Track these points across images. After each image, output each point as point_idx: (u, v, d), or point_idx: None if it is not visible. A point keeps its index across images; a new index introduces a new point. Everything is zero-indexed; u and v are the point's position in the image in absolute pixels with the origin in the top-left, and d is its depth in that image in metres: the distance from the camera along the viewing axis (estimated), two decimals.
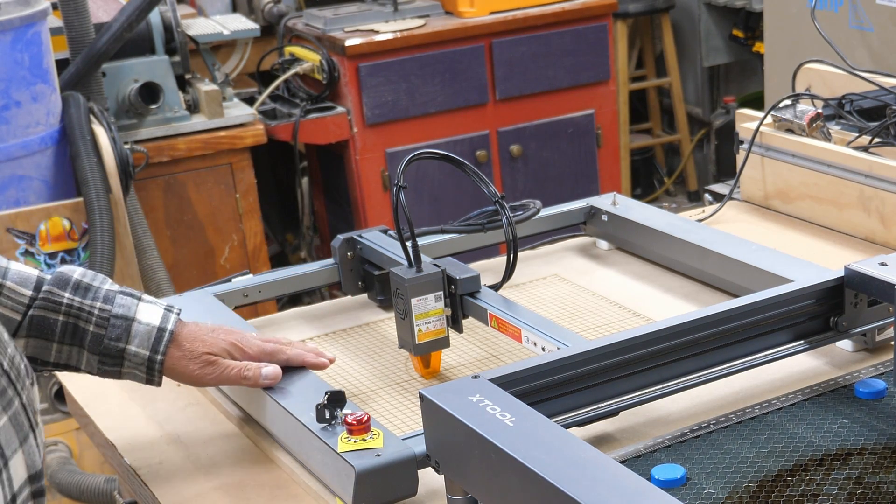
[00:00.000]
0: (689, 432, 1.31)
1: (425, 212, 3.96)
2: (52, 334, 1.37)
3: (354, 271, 1.83)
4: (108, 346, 1.38)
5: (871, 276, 1.36)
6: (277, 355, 1.44)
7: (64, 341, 1.38)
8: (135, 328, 1.38)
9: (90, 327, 1.37)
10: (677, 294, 1.79)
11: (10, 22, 2.87)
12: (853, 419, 1.30)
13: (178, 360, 1.39)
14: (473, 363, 1.63)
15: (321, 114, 3.96)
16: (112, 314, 1.38)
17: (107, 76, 3.41)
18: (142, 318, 1.39)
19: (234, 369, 1.41)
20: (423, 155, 1.57)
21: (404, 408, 1.52)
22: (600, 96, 4.31)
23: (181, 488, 1.40)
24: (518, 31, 4.09)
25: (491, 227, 1.74)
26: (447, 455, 1.18)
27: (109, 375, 1.40)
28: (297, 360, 1.45)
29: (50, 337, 1.37)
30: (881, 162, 1.86)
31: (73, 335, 1.38)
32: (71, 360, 1.39)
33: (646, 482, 1.00)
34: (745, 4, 5.09)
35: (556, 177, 4.31)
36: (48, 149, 3.05)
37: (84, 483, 2.98)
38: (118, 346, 1.38)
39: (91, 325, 1.38)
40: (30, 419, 1.22)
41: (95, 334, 1.37)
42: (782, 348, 1.41)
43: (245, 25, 4.06)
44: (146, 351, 1.38)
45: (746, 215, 2.08)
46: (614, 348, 1.30)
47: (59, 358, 1.39)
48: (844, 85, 2.14)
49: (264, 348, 1.44)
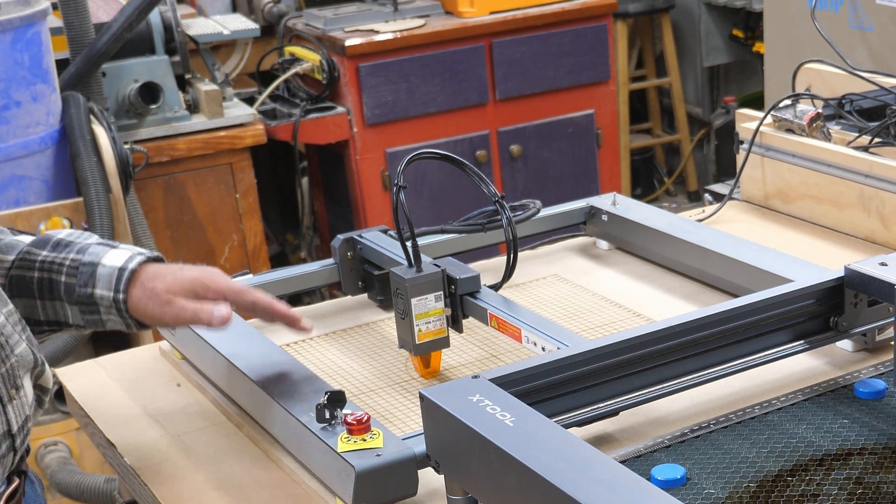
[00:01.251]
0: (689, 432, 1.31)
1: (425, 212, 3.96)
2: (32, 291, 1.40)
3: (354, 271, 1.83)
4: (80, 293, 1.39)
5: (871, 276, 1.36)
6: (243, 296, 1.41)
7: (44, 297, 1.40)
8: (99, 271, 1.39)
9: (62, 278, 1.40)
10: (677, 294, 1.79)
11: (10, 22, 2.87)
12: (853, 419, 1.30)
13: (139, 301, 1.39)
14: (473, 363, 1.63)
15: (321, 114, 3.96)
16: (81, 262, 1.40)
17: (107, 76, 3.41)
18: (106, 262, 1.40)
19: (189, 309, 1.38)
20: (423, 155, 1.57)
21: (404, 408, 1.52)
22: (600, 96, 4.31)
23: (181, 488, 1.40)
24: (518, 31, 4.09)
25: (491, 227, 1.74)
26: (447, 455, 1.18)
27: (95, 325, 1.41)
28: (264, 304, 1.42)
29: (30, 294, 1.40)
30: (881, 162, 1.86)
31: (49, 289, 1.40)
32: (59, 316, 1.41)
33: (646, 482, 1.00)
34: (745, 4, 5.09)
35: (556, 177, 4.31)
36: (48, 149, 3.05)
37: (84, 483, 2.98)
38: (86, 291, 1.39)
39: (63, 275, 1.40)
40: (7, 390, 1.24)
41: (67, 284, 1.40)
42: (782, 348, 1.41)
43: (245, 25, 4.06)
44: (109, 292, 1.39)
45: (746, 215, 2.08)
46: (614, 348, 1.30)
47: (47, 315, 1.41)
48: (844, 85, 2.14)
49: (231, 286, 1.41)
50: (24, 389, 1.31)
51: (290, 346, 1.72)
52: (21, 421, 1.31)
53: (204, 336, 1.60)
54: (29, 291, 1.40)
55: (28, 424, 1.33)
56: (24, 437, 1.32)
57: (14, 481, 1.34)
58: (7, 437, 1.29)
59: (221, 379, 1.57)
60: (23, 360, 1.32)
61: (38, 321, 1.42)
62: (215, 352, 1.56)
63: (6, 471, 1.31)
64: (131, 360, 1.76)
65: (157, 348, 1.78)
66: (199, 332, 1.61)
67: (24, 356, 1.32)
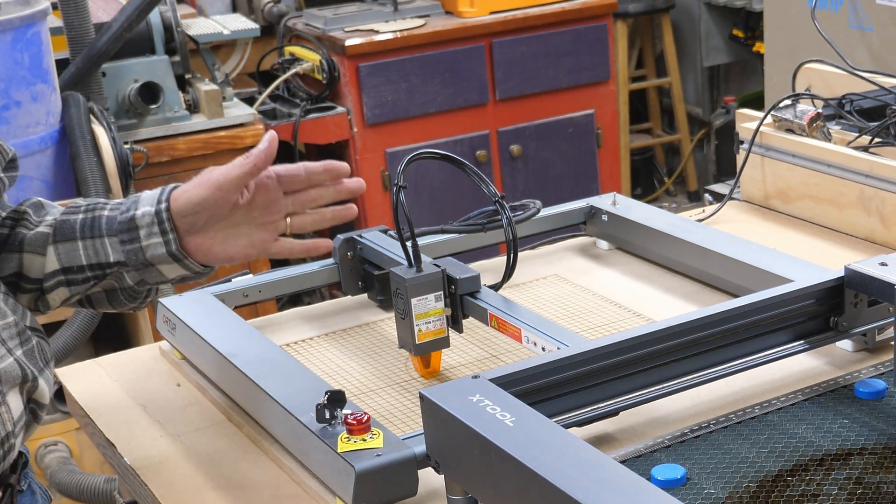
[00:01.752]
0: (689, 432, 1.31)
1: (425, 212, 3.96)
2: (73, 232, 1.39)
3: (354, 271, 1.83)
4: (122, 219, 1.38)
5: (871, 276, 1.36)
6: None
7: (85, 236, 1.39)
8: (142, 197, 1.40)
9: (105, 212, 1.40)
10: (677, 294, 1.79)
11: (10, 22, 2.87)
12: (853, 419, 1.30)
13: (181, 195, 1.38)
14: (473, 363, 1.63)
15: (321, 114, 3.96)
16: (125, 200, 1.42)
17: (107, 76, 3.41)
18: (147, 192, 1.41)
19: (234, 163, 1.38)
20: (423, 155, 1.57)
21: (404, 408, 1.52)
22: (600, 96, 4.31)
23: (181, 488, 1.40)
24: (518, 31, 4.09)
25: (491, 227, 1.74)
26: (447, 455, 1.18)
27: (136, 262, 1.38)
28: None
29: (72, 236, 1.39)
30: (881, 162, 1.86)
31: (91, 227, 1.39)
32: (100, 256, 1.39)
33: (646, 482, 1.00)
34: (745, 4, 5.09)
35: (556, 177, 4.31)
36: (48, 149, 3.05)
37: (84, 483, 2.98)
38: (128, 215, 1.38)
39: (106, 210, 1.40)
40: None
41: (110, 217, 1.39)
42: (782, 348, 1.41)
43: (245, 25, 4.06)
44: (151, 206, 1.38)
45: (746, 215, 2.08)
46: (614, 348, 1.30)
47: (88, 256, 1.39)
48: (844, 85, 2.14)
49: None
50: (5, 405, 1.29)
51: (290, 346, 1.72)
52: (1, 436, 1.29)
53: (204, 336, 1.60)
54: (71, 233, 1.39)
55: (11, 440, 1.31)
56: (5, 452, 1.30)
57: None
58: None
59: (221, 379, 1.57)
60: (7, 376, 1.30)
61: (81, 266, 1.39)
62: (215, 352, 1.56)
63: None
64: (131, 360, 1.76)
65: (157, 348, 1.78)
66: (199, 332, 1.61)
67: (10, 371, 1.30)
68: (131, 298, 1.45)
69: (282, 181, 1.42)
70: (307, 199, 1.45)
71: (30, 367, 1.33)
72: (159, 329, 1.75)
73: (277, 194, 1.42)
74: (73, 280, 1.40)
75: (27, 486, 1.43)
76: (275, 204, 1.42)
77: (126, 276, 1.41)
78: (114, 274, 1.40)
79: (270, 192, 1.42)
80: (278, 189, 1.42)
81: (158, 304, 1.75)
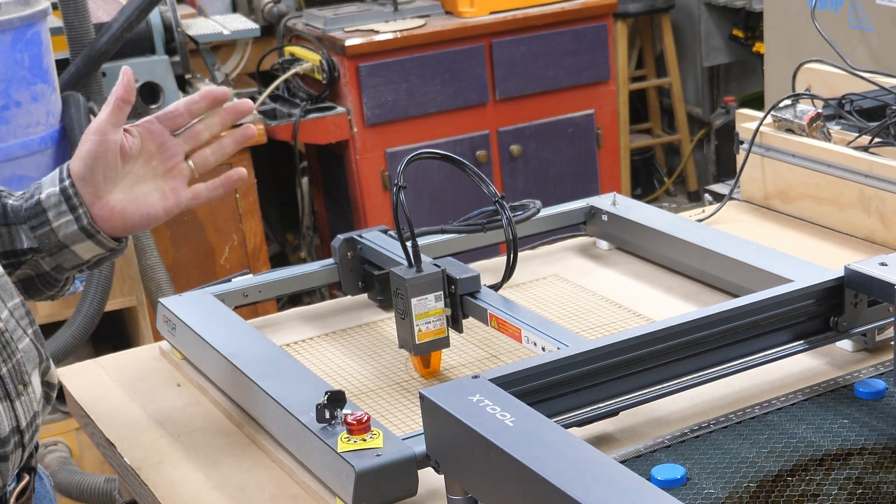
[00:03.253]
0: (689, 432, 1.31)
1: (425, 212, 3.96)
2: None
3: (354, 271, 1.83)
4: (28, 206, 1.39)
5: (871, 276, 1.36)
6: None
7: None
8: (43, 181, 1.41)
9: (10, 201, 1.41)
10: (677, 294, 1.79)
11: (10, 22, 2.87)
12: (853, 419, 1.30)
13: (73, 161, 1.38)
14: (473, 363, 1.63)
15: (321, 114, 3.96)
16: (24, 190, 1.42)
17: (107, 76, 3.41)
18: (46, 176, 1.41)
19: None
20: (423, 155, 1.57)
21: (404, 408, 1.52)
22: (600, 96, 4.31)
23: (181, 488, 1.40)
24: (518, 31, 4.10)
25: (491, 227, 1.74)
26: (447, 455, 1.18)
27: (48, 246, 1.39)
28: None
29: None
30: (881, 162, 1.86)
31: (5, 215, 1.40)
32: (14, 243, 1.39)
33: (646, 482, 1.00)
34: (745, 4, 5.09)
35: (556, 177, 4.31)
36: (48, 149, 3.05)
37: (84, 483, 2.98)
38: (33, 200, 1.39)
39: (11, 199, 1.41)
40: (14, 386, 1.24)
41: (14, 206, 1.40)
42: (782, 348, 1.41)
43: (245, 25, 4.06)
44: (55, 186, 1.39)
45: (746, 215, 2.08)
46: (614, 348, 1.30)
47: (2, 244, 1.40)
48: (844, 85, 2.14)
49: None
50: (31, 385, 1.32)
51: (290, 346, 1.72)
52: (30, 417, 1.31)
53: (204, 336, 1.60)
54: None
55: (37, 421, 1.33)
56: (32, 434, 1.32)
57: (24, 478, 1.34)
58: (16, 433, 1.29)
59: (221, 379, 1.57)
60: (28, 356, 1.32)
61: None
62: (215, 352, 1.56)
63: (16, 467, 1.31)
64: (131, 360, 1.76)
65: (157, 348, 1.78)
66: (199, 332, 1.61)
67: (29, 351, 1.32)
68: (48, 286, 1.46)
69: (163, 121, 1.42)
70: (196, 132, 1.44)
71: (40, 347, 1.36)
72: (159, 329, 1.75)
73: (165, 136, 1.42)
74: None
75: None
76: (167, 147, 1.42)
77: (42, 262, 1.41)
78: (28, 262, 1.41)
79: (157, 136, 1.42)
80: (164, 131, 1.42)
81: (158, 303, 1.75)
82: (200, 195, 1.45)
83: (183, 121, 1.44)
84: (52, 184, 1.39)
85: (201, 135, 1.45)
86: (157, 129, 1.42)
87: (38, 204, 1.39)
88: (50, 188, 1.39)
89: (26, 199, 1.40)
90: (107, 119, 1.37)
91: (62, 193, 1.38)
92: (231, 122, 1.46)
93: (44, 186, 1.40)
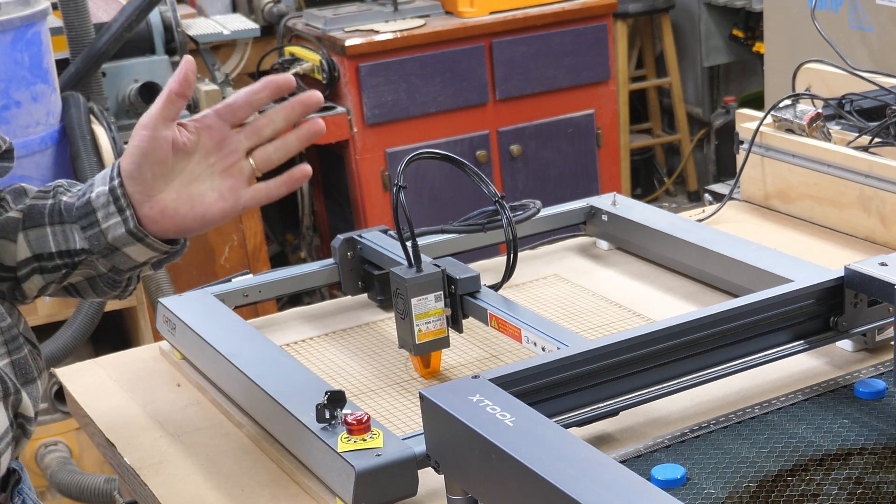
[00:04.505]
0: (689, 432, 1.31)
1: (425, 212, 3.96)
2: (42, 217, 1.33)
3: (354, 271, 1.83)
4: (79, 205, 1.31)
5: (871, 276, 1.36)
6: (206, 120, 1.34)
7: (54, 221, 1.32)
8: (96, 178, 1.33)
9: (64, 197, 1.33)
10: (677, 294, 1.79)
11: (10, 22, 2.87)
12: (853, 419, 1.30)
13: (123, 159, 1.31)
14: (473, 363, 1.63)
15: (321, 114, 3.96)
16: (81, 185, 1.36)
17: (107, 76, 3.41)
18: (100, 173, 1.35)
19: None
20: (423, 155, 1.57)
21: (404, 408, 1.52)
22: (600, 96, 4.31)
23: (181, 488, 1.40)
24: (518, 31, 4.09)
25: (491, 227, 1.74)
26: (447, 455, 1.18)
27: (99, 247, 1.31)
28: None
29: (41, 222, 1.32)
30: (881, 162, 1.86)
31: (59, 212, 1.33)
32: (69, 242, 1.32)
33: (646, 482, 1.00)
34: (745, 4, 5.09)
35: (556, 177, 4.31)
36: (48, 149, 3.05)
37: (84, 483, 2.98)
38: (84, 199, 1.31)
39: (66, 195, 1.34)
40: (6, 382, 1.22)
41: (68, 203, 1.33)
42: (782, 348, 1.41)
43: (245, 25, 4.06)
44: (105, 185, 1.30)
45: (746, 215, 2.08)
46: (614, 348, 1.30)
47: (58, 243, 1.32)
48: (844, 85, 2.14)
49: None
50: None
51: (290, 346, 1.73)
52: None
53: (204, 336, 1.60)
54: (41, 219, 1.32)
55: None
56: None
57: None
58: None
59: (221, 379, 1.57)
60: None
61: (51, 254, 1.33)
62: (215, 352, 1.56)
63: None
64: (131, 360, 1.76)
65: (157, 348, 1.78)
66: (199, 332, 1.61)
67: None
68: (111, 286, 1.39)
69: (222, 115, 1.32)
70: (259, 127, 1.34)
71: (11, 378, 1.29)
72: (159, 329, 1.75)
73: (224, 131, 1.32)
74: (45, 268, 1.33)
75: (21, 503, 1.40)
76: (226, 143, 1.33)
77: (97, 263, 1.34)
78: (84, 262, 1.33)
79: (216, 131, 1.32)
80: (223, 126, 1.33)
81: (158, 303, 1.75)
82: (261, 195, 1.35)
83: (244, 114, 1.34)
84: (103, 182, 1.31)
85: (263, 130, 1.34)
86: (215, 123, 1.32)
87: (88, 203, 1.30)
88: (100, 186, 1.30)
89: (79, 198, 1.32)
90: (158, 113, 1.29)
91: (111, 193, 1.29)
92: (298, 116, 1.36)
93: (96, 184, 1.31)
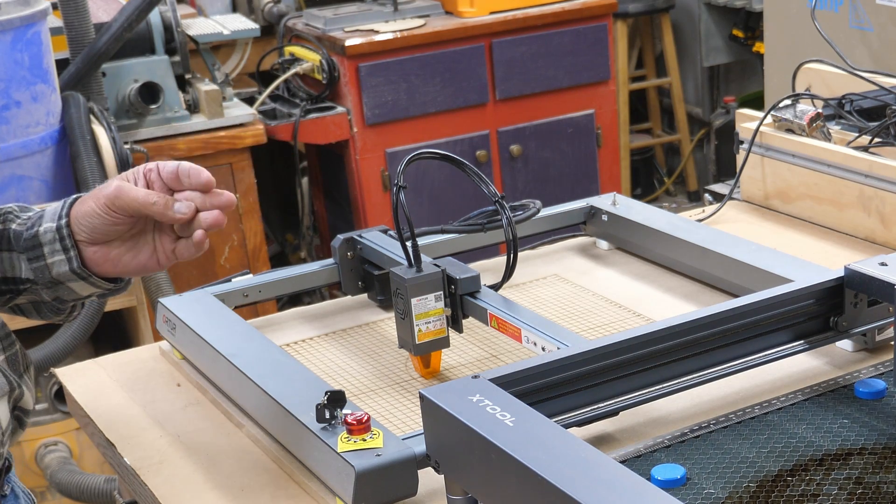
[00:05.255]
0: (689, 432, 1.31)
1: (425, 212, 3.96)
2: None
3: (354, 271, 1.83)
4: (27, 236, 1.33)
5: (871, 276, 1.36)
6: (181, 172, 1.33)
7: (1, 247, 1.34)
8: (46, 211, 1.34)
9: (13, 225, 1.35)
10: (677, 294, 1.79)
11: (10, 22, 2.87)
12: (853, 419, 1.30)
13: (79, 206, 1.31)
14: (473, 363, 1.63)
15: (321, 114, 3.96)
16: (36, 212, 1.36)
17: (107, 76, 3.41)
18: (51, 206, 1.35)
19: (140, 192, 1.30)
20: (423, 155, 1.57)
21: (404, 408, 1.52)
22: (600, 96, 4.31)
23: (181, 488, 1.40)
24: (518, 31, 4.10)
25: (491, 227, 1.74)
26: (447, 455, 1.18)
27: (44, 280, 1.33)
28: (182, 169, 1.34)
29: None
30: (881, 162, 1.86)
31: (7, 241, 1.34)
32: (15, 270, 1.34)
33: (646, 482, 1.00)
34: (745, 4, 5.09)
35: (556, 177, 4.31)
36: (48, 149, 3.05)
37: (84, 483, 2.98)
38: (32, 231, 1.33)
39: (14, 223, 1.35)
40: None
41: (17, 231, 1.34)
42: (782, 348, 1.41)
43: (245, 25, 4.06)
44: (53, 223, 1.32)
45: (746, 215, 2.08)
46: (614, 348, 1.30)
47: (3, 270, 1.35)
48: (844, 85, 2.14)
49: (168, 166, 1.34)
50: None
51: (290, 346, 1.72)
52: None
53: (204, 336, 1.60)
54: None
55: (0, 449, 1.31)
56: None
57: None
58: None
59: (221, 379, 1.57)
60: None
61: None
62: (215, 352, 1.56)
63: None
64: (131, 360, 1.76)
65: (157, 348, 1.78)
66: (199, 332, 1.61)
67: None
68: (55, 312, 1.41)
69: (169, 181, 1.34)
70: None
71: (12, 375, 1.32)
72: (159, 329, 1.75)
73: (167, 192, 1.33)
74: None
75: (10, 491, 1.42)
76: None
77: (42, 292, 1.36)
78: (28, 290, 1.36)
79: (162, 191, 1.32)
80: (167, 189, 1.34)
81: (158, 303, 1.75)
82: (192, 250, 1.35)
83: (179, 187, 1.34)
84: (52, 218, 1.33)
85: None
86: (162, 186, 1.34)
87: (35, 236, 1.33)
88: (48, 223, 1.33)
89: (27, 228, 1.34)
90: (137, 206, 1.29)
91: (58, 232, 1.32)
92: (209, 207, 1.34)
93: (45, 218, 1.34)
